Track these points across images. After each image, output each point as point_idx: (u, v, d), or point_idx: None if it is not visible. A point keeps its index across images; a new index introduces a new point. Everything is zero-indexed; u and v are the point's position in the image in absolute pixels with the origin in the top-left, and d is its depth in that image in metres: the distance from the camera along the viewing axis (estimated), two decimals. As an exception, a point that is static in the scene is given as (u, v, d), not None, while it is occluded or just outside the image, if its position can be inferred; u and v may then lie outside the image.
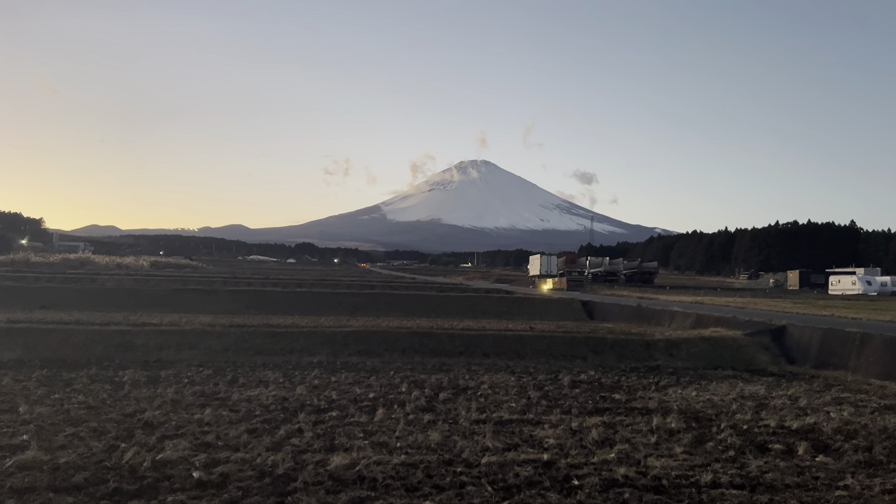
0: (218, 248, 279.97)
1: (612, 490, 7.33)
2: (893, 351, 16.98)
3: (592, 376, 16.06)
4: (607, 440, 9.57)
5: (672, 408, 12.17)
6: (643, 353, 19.80)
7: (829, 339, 19.39)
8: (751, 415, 11.57)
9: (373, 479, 7.55)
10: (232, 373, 15.24)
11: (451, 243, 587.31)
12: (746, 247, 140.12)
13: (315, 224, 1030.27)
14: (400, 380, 14.71)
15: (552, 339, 20.71)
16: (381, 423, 10.41)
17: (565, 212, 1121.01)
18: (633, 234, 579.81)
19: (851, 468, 8.38)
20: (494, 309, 36.11)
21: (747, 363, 18.75)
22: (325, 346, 19.02)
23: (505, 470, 7.94)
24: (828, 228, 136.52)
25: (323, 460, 8.18)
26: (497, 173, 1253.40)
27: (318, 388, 13.58)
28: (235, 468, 7.82)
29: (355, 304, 35.39)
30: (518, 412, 11.52)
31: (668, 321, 28.28)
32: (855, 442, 9.62)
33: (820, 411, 11.93)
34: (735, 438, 9.73)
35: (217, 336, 19.31)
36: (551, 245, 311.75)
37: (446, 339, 20.30)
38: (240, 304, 33.27)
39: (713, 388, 14.76)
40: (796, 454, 8.96)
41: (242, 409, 11.32)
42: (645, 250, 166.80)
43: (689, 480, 7.69)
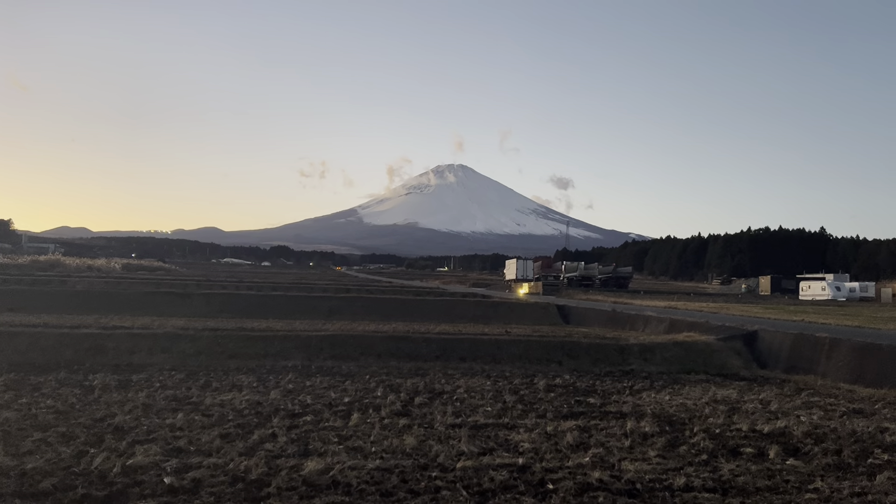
0: (191, 250, 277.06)
1: (587, 494, 7.36)
2: (861, 355, 17.30)
3: (567, 380, 16.12)
4: (582, 444, 9.61)
5: (646, 412, 12.26)
6: (618, 357, 19.94)
7: (799, 344, 19.70)
8: (723, 419, 11.69)
9: (347, 484, 7.50)
10: (205, 377, 15.06)
11: (427, 247, 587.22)
12: (719, 252, 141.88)
13: (291, 227, 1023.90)
14: (375, 384, 14.65)
15: (528, 344, 20.78)
16: (356, 427, 10.35)
17: (541, 216, 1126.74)
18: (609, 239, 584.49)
19: (821, 471, 8.50)
20: (471, 313, 36.18)
21: (720, 368, 18.97)
22: (299, 350, 18.89)
23: (480, 474, 7.93)
24: (798, 235, 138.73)
25: (297, 465, 8.10)
26: (474, 177, 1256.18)
27: (292, 392, 13.47)
28: (208, 473, 7.72)
29: (331, 307, 35.23)
30: (494, 416, 11.52)
31: (642, 326, 28.53)
32: (824, 445, 9.77)
33: (790, 415, 12.09)
34: (708, 442, 9.82)
35: (190, 340, 19.08)
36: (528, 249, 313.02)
37: (422, 344, 20.27)
38: (213, 308, 32.96)
39: (686, 392, 14.90)
40: (767, 457, 9.07)
41: (215, 413, 11.18)
42: (620, 255, 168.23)
43: (662, 484, 7.75)
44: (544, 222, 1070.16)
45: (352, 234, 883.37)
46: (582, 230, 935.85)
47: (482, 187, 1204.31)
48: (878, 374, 16.29)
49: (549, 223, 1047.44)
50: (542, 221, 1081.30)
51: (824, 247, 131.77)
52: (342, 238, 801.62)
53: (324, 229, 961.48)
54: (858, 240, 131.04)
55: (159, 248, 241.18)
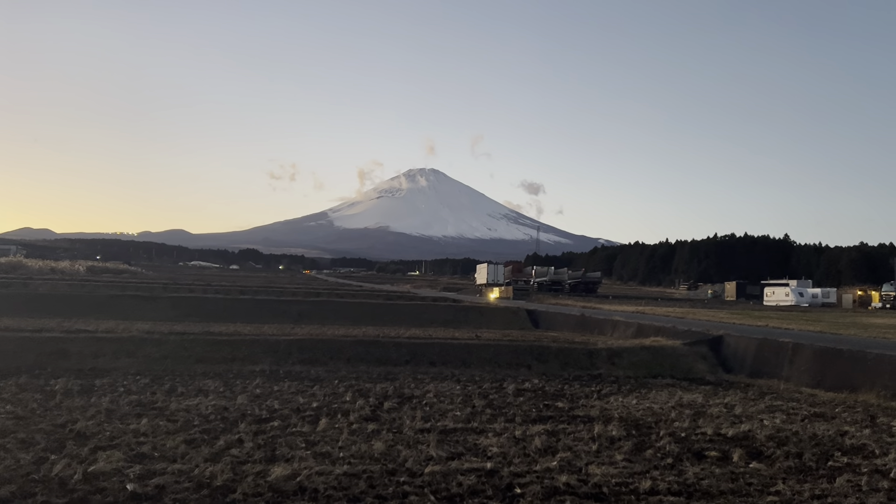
0: (158, 253, 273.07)
1: (554, 498, 7.40)
2: (823, 360, 17.68)
3: (536, 385, 16.21)
4: (550, 448, 9.67)
5: (613, 416, 12.38)
6: (586, 361, 20.11)
7: (763, 348, 20.05)
8: (689, 422, 11.85)
9: (314, 489, 7.45)
10: (170, 381, 14.85)
11: (399, 251, 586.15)
12: (686, 258, 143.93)
13: (260, 230, 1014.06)
14: (344, 389, 14.58)
15: (498, 348, 20.86)
16: (324, 432, 10.28)
17: (512, 221, 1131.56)
18: (578, 244, 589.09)
19: (783, 474, 8.65)
20: (441, 317, 36.18)
21: (686, 372, 19.23)
22: (267, 354, 18.71)
23: (448, 479, 7.94)
24: (763, 241, 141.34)
25: (263, 471, 8.02)
26: (445, 182, 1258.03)
27: (259, 397, 13.34)
28: (172, 480, 7.61)
29: (300, 311, 34.96)
30: (463, 421, 11.54)
31: (610, 330, 28.80)
32: (786, 448, 9.95)
33: (754, 419, 12.30)
34: (673, 446, 9.95)
35: (155, 344, 18.80)
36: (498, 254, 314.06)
37: (392, 348, 20.22)
38: (180, 311, 32.49)
39: (653, 396, 15.08)
40: (731, 461, 9.21)
41: (181, 418, 11.03)
42: (589, 260, 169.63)
43: (628, 488, 7.83)
44: (515, 227, 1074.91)
45: (322, 238, 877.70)
46: (552, 235, 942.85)
47: (454, 192, 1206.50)
48: (838, 378, 16.66)
49: (520, 228, 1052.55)
50: (513, 226, 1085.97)
51: (788, 253, 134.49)
52: (312, 241, 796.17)
53: (294, 232, 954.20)
54: (821, 247, 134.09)
55: (125, 251, 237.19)
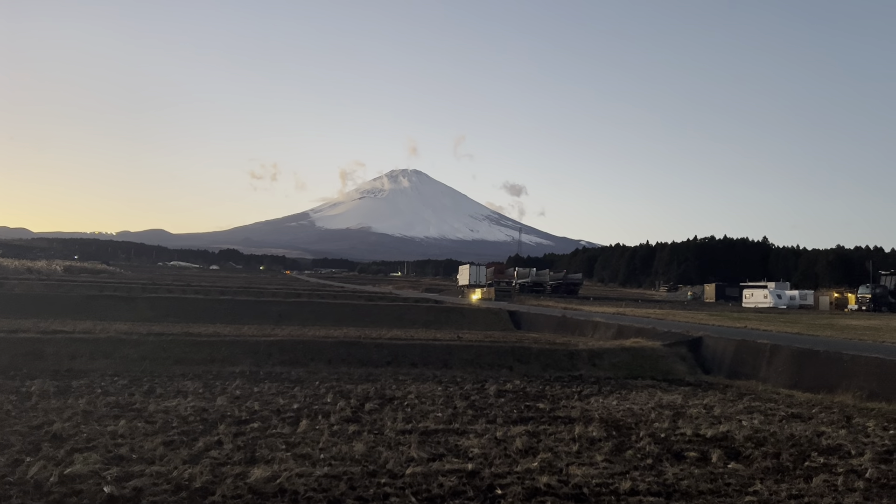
0: (137, 253, 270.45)
1: (535, 499, 7.42)
2: (800, 361, 17.89)
3: (518, 386, 16.25)
4: (531, 449, 9.70)
5: (594, 416, 12.44)
6: (567, 362, 20.19)
7: (742, 350, 20.25)
8: (668, 423, 11.94)
9: (294, 491, 7.41)
10: (149, 383, 14.71)
11: (380, 252, 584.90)
12: (666, 260, 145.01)
13: (240, 230, 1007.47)
14: (325, 390, 14.52)
15: (479, 349, 20.87)
16: (304, 434, 10.23)
17: (494, 223, 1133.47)
18: (560, 246, 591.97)
19: (760, 474, 8.74)
20: (423, 318, 36.13)
21: (666, 373, 19.37)
22: (248, 355, 18.59)
23: (429, 480, 7.93)
24: (742, 244, 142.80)
25: (243, 473, 7.97)
26: (428, 183, 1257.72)
27: (239, 398, 13.25)
28: (150, 482, 7.54)
29: (281, 312, 34.75)
30: (444, 422, 11.53)
31: (591, 332, 28.94)
32: (764, 449, 10.06)
33: (732, 420, 12.42)
34: (653, 446, 10.01)
35: (134, 344, 18.61)
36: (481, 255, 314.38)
37: (374, 349, 20.17)
38: (159, 312, 32.17)
39: (633, 397, 15.18)
40: (710, 461, 9.29)
41: (159, 420, 10.93)
42: (570, 262, 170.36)
43: (608, 488, 7.87)
44: (497, 228, 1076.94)
45: (303, 238, 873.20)
46: (534, 237, 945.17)
47: (436, 193, 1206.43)
48: (815, 379, 16.86)
49: (502, 230, 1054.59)
50: (496, 228, 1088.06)
51: (767, 255, 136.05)
52: (293, 242, 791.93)
53: (275, 233, 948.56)
54: (799, 249, 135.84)
55: (103, 251, 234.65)
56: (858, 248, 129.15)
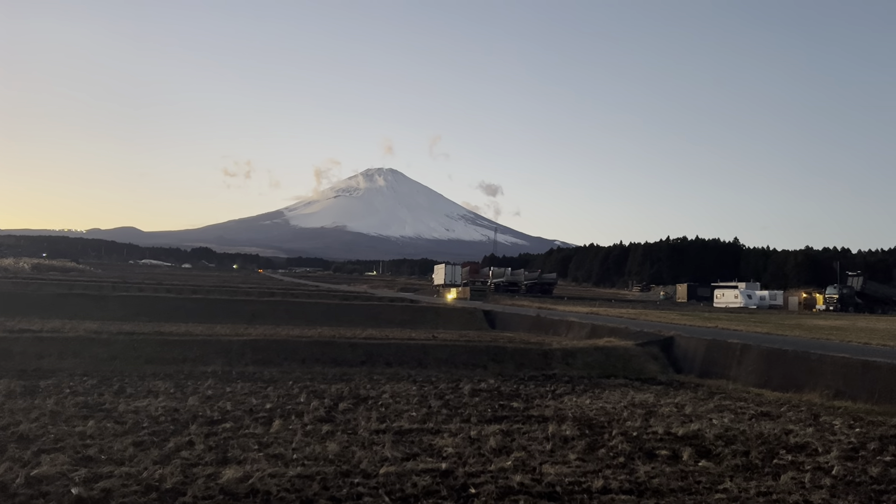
0: (108, 251, 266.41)
1: (508, 497, 7.45)
2: (769, 361, 18.18)
3: (492, 385, 16.29)
4: (505, 448, 9.73)
5: (567, 415, 12.53)
6: (541, 361, 20.30)
7: (712, 349, 20.52)
8: (640, 422, 12.06)
9: (267, 492, 7.35)
10: (119, 382, 14.50)
11: (356, 251, 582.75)
12: (639, 260, 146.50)
13: (213, 228, 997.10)
14: (299, 390, 14.43)
15: (454, 348, 20.91)
16: (277, 434, 10.16)
17: (470, 222, 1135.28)
18: (535, 245, 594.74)
19: (730, 472, 8.87)
20: (398, 318, 36.10)
21: (638, 372, 19.56)
22: (220, 355, 18.42)
23: (403, 480, 7.92)
24: (714, 245, 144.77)
25: (214, 473, 7.89)
26: (404, 182, 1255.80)
27: (211, 398, 13.12)
28: (119, 483, 7.43)
29: (254, 311, 34.49)
30: (418, 421, 11.53)
31: (565, 331, 29.12)
32: (734, 447, 10.20)
33: (703, 418, 12.58)
34: (625, 445, 10.11)
35: (104, 344, 18.34)
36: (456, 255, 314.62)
37: (348, 349, 20.10)
38: (130, 311, 31.74)
39: (606, 396, 15.30)
40: (681, 459, 9.40)
41: (129, 420, 10.78)
42: (545, 262, 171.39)
43: (581, 487, 7.92)
44: (473, 228, 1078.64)
45: (277, 237, 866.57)
46: (509, 237, 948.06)
47: (412, 192, 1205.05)
48: (784, 378, 17.16)
49: (477, 229, 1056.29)
50: (471, 227, 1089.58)
51: (737, 256, 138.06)
52: (267, 240, 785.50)
53: (248, 231, 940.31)
54: (769, 250, 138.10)
55: (73, 248, 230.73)
56: (826, 249, 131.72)
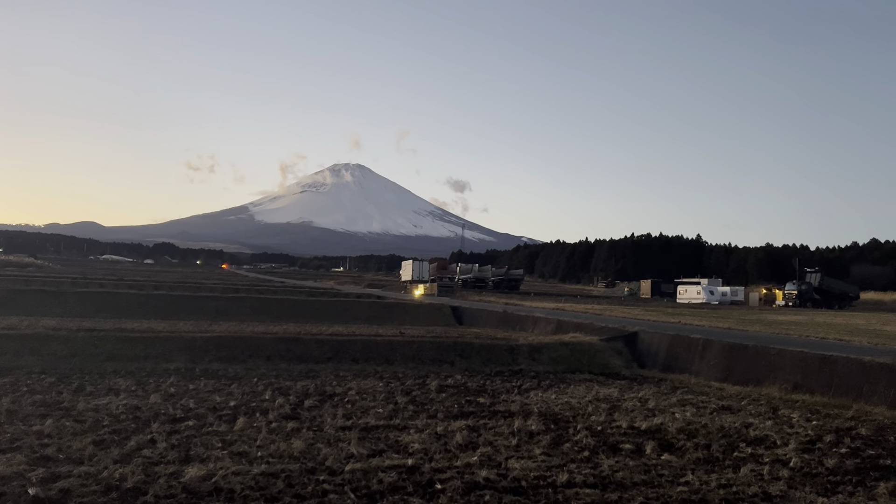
0: (67, 246, 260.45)
1: (474, 493, 7.48)
2: (731, 356, 18.52)
3: (459, 381, 16.34)
4: (471, 443, 9.77)
5: (533, 410, 12.62)
6: (508, 357, 20.40)
7: (675, 344, 20.84)
8: (605, 416, 12.20)
9: (230, 490, 7.27)
10: (78, 380, 14.21)
11: (322, 247, 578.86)
12: (604, 256, 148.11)
13: (176, 223, 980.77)
14: (264, 387, 14.30)
15: (421, 345, 20.89)
16: (241, 432, 10.06)
17: (438, 219, 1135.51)
18: (502, 242, 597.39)
19: (692, 465, 9.02)
20: (365, 314, 35.97)
21: (603, 367, 19.79)
22: (183, 352, 18.16)
23: (369, 476, 7.90)
24: (677, 241, 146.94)
25: (177, 472, 7.78)
26: (371, 177, 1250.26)
27: (174, 396, 12.93)
28: (78, 483, 7.28)
29: (218, 308, 34.07)
30: (385, 418, 11.51)
31: (531, 326, 29.31)
32: (696, 440, 10.39)
33: (666, 412, 12.77)
34: (590, 439, 10.22)
35: (62, 341, 17.94)
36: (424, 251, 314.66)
37: (314, 345, 19.96)
38: (90, 307, 31.12)
39: (571, 391, 15.45)
40: (644, 453, 9.54)
41: (89, 419, 10.57)
42: (512, 258, 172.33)
43: (546, 481, 7.99)
44: (441, 224, 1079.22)
45: (242, 232, 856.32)
46: (477, 233, 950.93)
47: (379, 187, 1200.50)
48: (744, 372, 17.50)
49: (445, 225, 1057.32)
50: (439, 223, 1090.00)
51: (700, 253, 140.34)
52: (232, 236, 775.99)
53: (212, 226, 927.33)
54: (731, 247, 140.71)
55: (30, 243, 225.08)
56: (786, 246, 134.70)
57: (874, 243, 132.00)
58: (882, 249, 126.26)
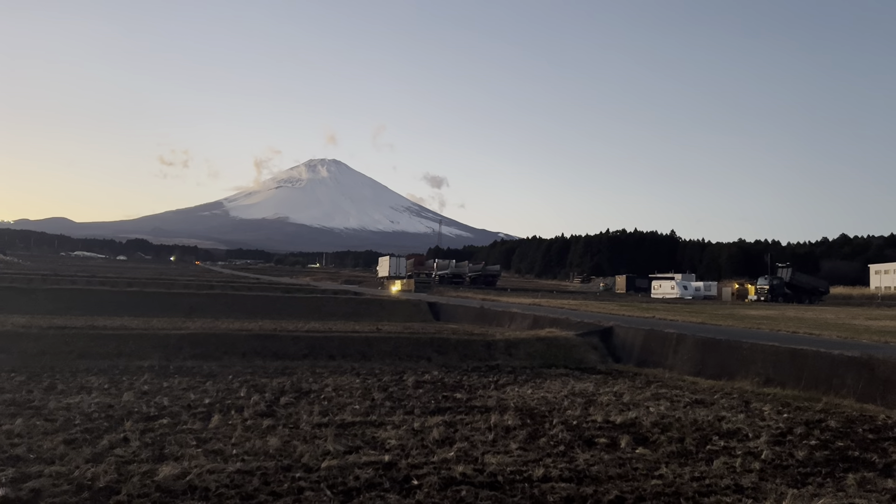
0: (37, 242, 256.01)
1: (450, 488, 7.49)
2: (703, 350, 18.76)
3: (436, 376, 16.35)
4: (447, 439, 9.78)
5: (509, 405, 12.67)
6: (484, 352, 20.47)
7: (650, 339, 21.05)
8: (580, 411, 12.29)
9: (205, 488, 7.21)
10: (49, 378, 13.98)
11: (298, 243, 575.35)
12: (580, 252, 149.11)
13: (150, 219, 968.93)
14: (239, 384, 14.19)
15: (398, 341, 20.88)
16: (216, 429, 9.97)
17: (415, 214, 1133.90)
18: (479, 238, 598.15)
19: (666, 458, 9.12)
20: (342, 310, 35.84)
21: (578, 362, 19.93)
22: (157, 349, 17.97)
23: (345, 473, 7.88)
24: (651, 237, 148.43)
25: (150, 471, 7.70)
26: (347, 173, 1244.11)
27: (147, 393, 12.78)
28: (49, 483, 7.17)
29: (192, 305, 33.74)
30: (361, 414, 11.48)
31: (508, 322, 29.42)
32: (669, 434, 10.50)
33: (640, 406, 12.90)
34: (565, 434, 10.29)
35: (33, 339, 17.66)
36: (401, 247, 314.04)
37: (290, 342, 19.86)
38: (61, 305, 30.65)
39: (547, 385, 15.54)
40: (619, 447, 9.62)
41: (60, 417, 10.41)
42: (489, 254, 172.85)
43: (522, 475, 8.03)
44: (418, 220, 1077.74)
45: (217, 228, 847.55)
46: (454, 229, 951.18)
47: (356, 183, 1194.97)
48: (717, 366, 17.73)
49: (422, 221, 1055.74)
50: (416, 219, 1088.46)
51: (674, 248, 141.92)
52: (206, 232, 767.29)
53: (186, 222, 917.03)
54: (704, 243, 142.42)
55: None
56: (758, 241, 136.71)
57: (843, 239, 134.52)
58: (851, 245, 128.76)
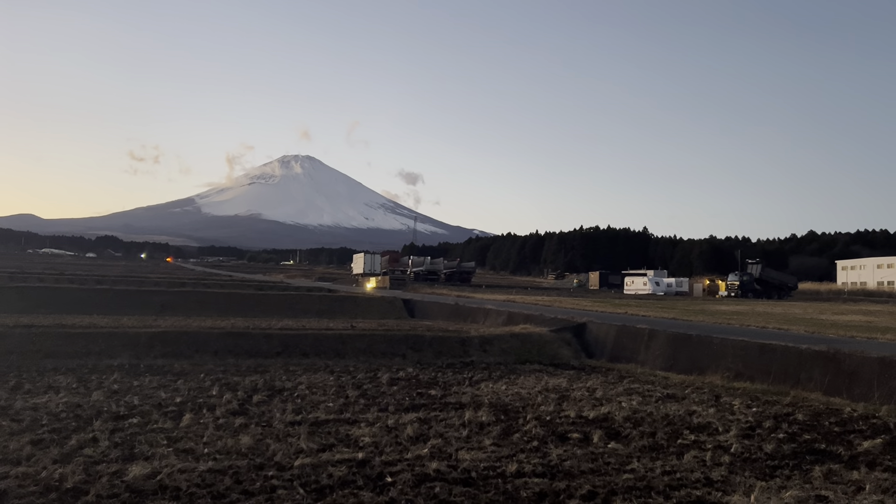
0: (3, 239, 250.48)
1: (424, 485, 7.49)
2: (675, 345, 18.99)
3: (411, 373, 16.34)
4: (422, 436, 9.78)
5: (483, 402, 12.71)
6: (459, 349, 20.50)
7: (622, 335, 21.25)
8: (553, 406, 12.37)
9: (176, 488, 7.13)
10: (16, 378, 13.72)
11: (272, 240, 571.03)
12: (554, 249, 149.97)
13: (119, 216, 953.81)
14: (211, 383, 14.05)
15: (373, 338, 20.83)
16: (187, 428, 9.87)
17: (390, 211, 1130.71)
18: (454, 234, 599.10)
19: (638, 453, 9.22)
20: (316, 308, 35.67)
21: (552, 357, 20.05)
22: (127, 347, 17.71)
23: (318, 471, 7.85)
24: (624, 234, 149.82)
25: (120, 471, 7.59)
26: (321, 169, 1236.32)
27: (117, 393, 12.60)
28: (15, 484, 7.05)
29: (163, 302, 33.32)
30: (335, 412, 11.44)
31: (482, 318, 29.50)
32: (641, 429, 10.62)
33: (613, 401, 13.02)
34: (539, 429, 10.35)
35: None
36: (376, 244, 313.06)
37: (263, 340, 19.70)
38: (28, 303, 30.09)
39: (521, 381, 15.61)
40: (592, 442, 9.70)
41: (27, 417, 10.23)
42: (464, 251, 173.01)
43: (496, 471, 8.06)
44: (393, 217, 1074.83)
45: (188, 225, 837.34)
46: (429, 226, 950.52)
47: (330, 180, 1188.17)
48: (688, 361, 17.95)
49: (397, 218, 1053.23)
50: (391, 216, 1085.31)
51: (646, 245, 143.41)
52: (178, 229, 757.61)
53: (157, 219, 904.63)
54: (676, 239, 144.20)
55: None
56: (729, 238, 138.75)
57: (812, 235, 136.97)
58: (819, 241, 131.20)
